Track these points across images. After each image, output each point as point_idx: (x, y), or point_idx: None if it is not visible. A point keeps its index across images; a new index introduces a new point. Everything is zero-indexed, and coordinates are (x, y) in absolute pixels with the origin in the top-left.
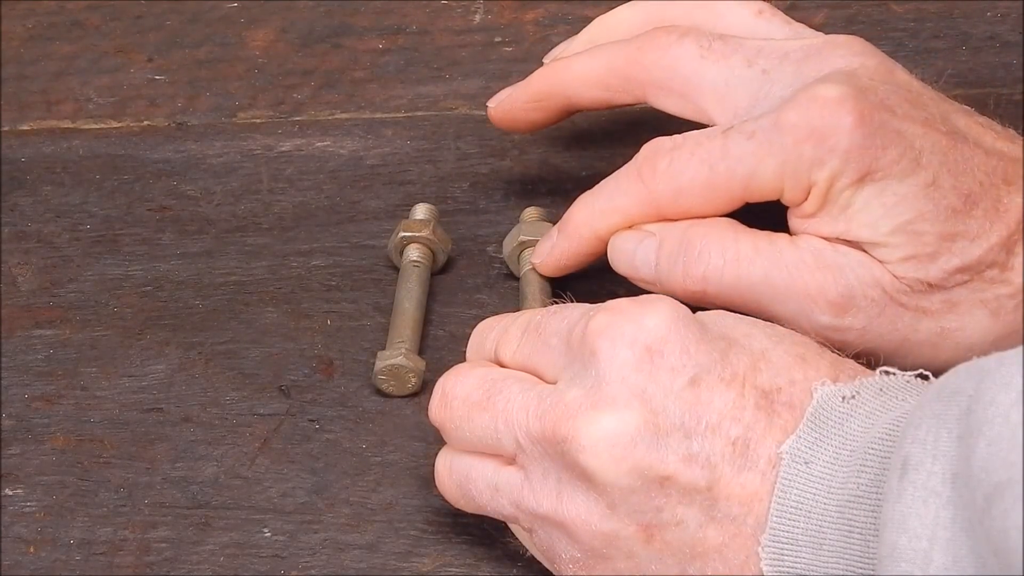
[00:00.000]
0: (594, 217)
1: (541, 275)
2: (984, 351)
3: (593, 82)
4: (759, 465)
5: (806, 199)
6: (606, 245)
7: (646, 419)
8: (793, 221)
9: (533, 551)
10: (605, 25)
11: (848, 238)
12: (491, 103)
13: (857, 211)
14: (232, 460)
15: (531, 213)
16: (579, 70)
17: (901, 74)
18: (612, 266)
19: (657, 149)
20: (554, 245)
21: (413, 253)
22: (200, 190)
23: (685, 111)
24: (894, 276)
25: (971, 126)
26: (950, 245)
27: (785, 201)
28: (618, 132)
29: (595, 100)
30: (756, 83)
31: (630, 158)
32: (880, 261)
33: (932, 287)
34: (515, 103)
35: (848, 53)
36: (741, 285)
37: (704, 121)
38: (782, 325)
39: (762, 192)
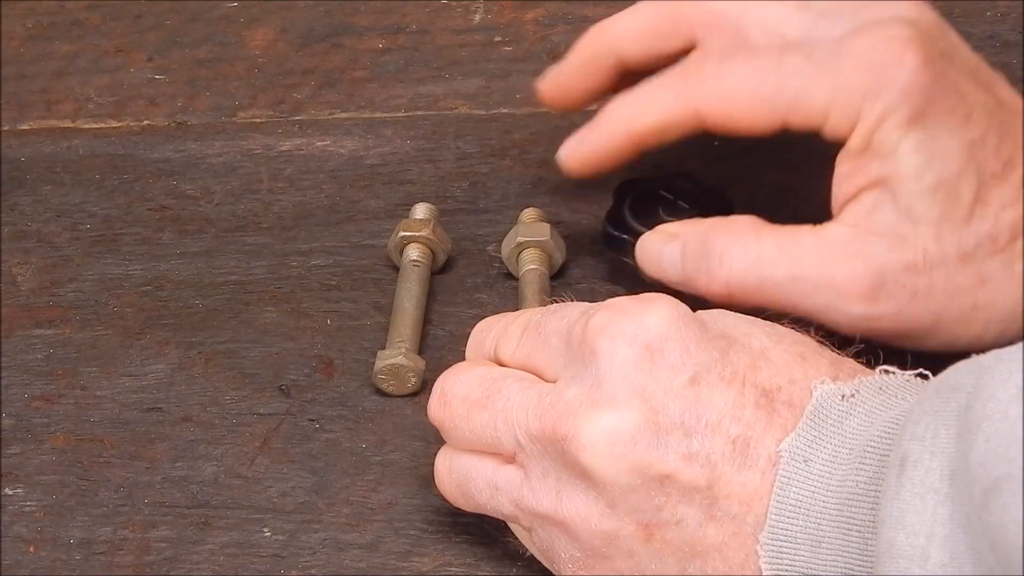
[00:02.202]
0: (631, 111)
1: (540, 275)
2: (1013, 325)
3: (641, 32)
4: (759, 464)
5: (849, 134)
6: (635, 147)
7: (646, 417)
8: (839, 170)
9: (533, 550)
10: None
11: (889, 185)
12: (541, 82)
13: (903, 156)
14: (232, 460)
15: (530, 214)
16: (626, 23)
17: (954, 35)
18: (641, 269)
19: (709, 51)
20: (583, 137)
21: (413, 252)
22: (200, 190)
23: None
24: (926, 250)
25: (1014, 96)
26: (983, 210)
27: (826, 132)
28: None
29: (645, 52)
30: (810, 23)
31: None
32: (913, 224)
33: (964, 258)
34: (565, 74)
35: (906, 7)
36: (767, 286)
37: None
38: (815, 320)
39: (806, 115)
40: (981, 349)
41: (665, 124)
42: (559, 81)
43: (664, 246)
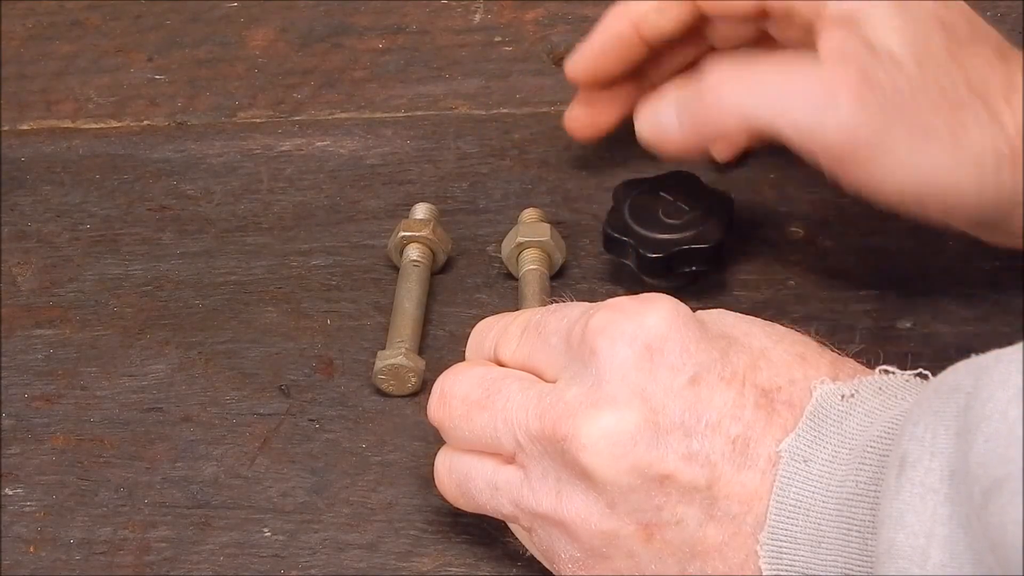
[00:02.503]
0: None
1: (540, 275)
2: (946, 185)
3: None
4: (759, 464)
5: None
6: (638, 34)
7: (646, 418)
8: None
9: (533, 551)
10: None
11: (860, 26)
12: (568, 64)
13: (873, 20)
14: (232, 460)
15: (530, 214)
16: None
17: None
18: (640, 138)
19: None
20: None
21: (413, 252)
22: (200, 190)
23: None
24: (908, 71)
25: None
26: (959, 63)
27: (798, 11)
28: (617, 132)
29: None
30: None
31: (629, 158)
32: (890, 54)
33: (943, 92)
34: (591, 53)
35: None
36: (755, 94)
37: None
38: (798, 142)
39: None
40: (915, 198)
41: (660, 3)
42: (586, 62)
43: (658, 105)
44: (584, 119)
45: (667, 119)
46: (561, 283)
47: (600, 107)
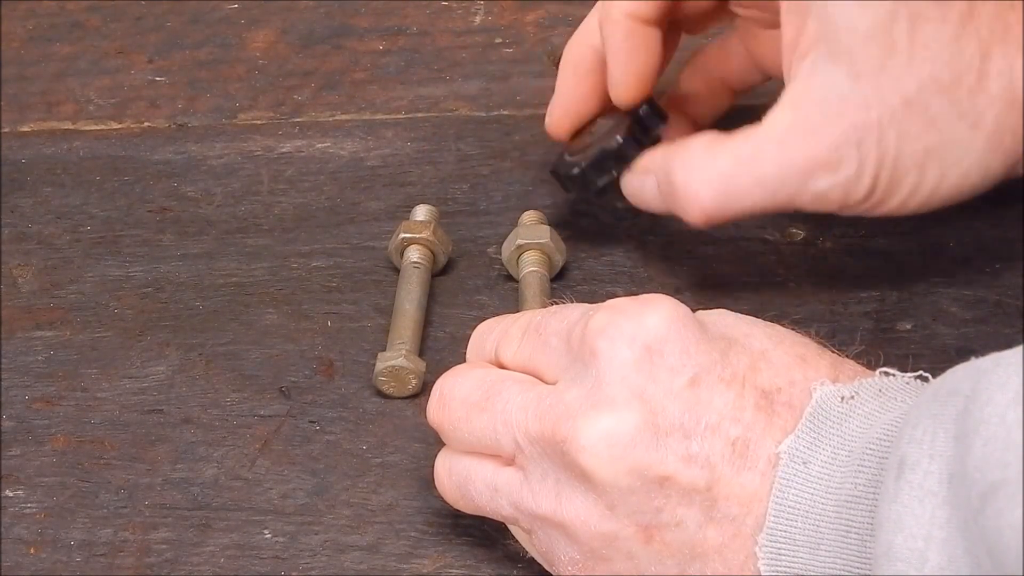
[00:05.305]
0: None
1: (540, 277)
2: (970, 171)
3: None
4: (759, 465)
5: None
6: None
7: (646, 419)
8: (784, 38)
9: (533, 552)
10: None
11: (827, 41)
12: (547, 125)
13: (835, 7)
14: (232, 461)
15: (530, 216)
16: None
17: None
18: (634, 205)
19: None
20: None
21: (413, 254)
22: (200, 191)
23: None
24: (869, 106)
25: None
26: (923, 52)
27: None
28: None
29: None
30: None
31: None
32: (854, 80)
33: (908, 104)
34: (560, 99)
35: None
36: (740, 199)
37: None
38: (789, 207)
39: None
40: (940, 202)
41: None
42: (558, 110)
43: (643, 184)
44: (567, 119)
45: (652, 197)
46: (561, 285)
47: (581, 104)
